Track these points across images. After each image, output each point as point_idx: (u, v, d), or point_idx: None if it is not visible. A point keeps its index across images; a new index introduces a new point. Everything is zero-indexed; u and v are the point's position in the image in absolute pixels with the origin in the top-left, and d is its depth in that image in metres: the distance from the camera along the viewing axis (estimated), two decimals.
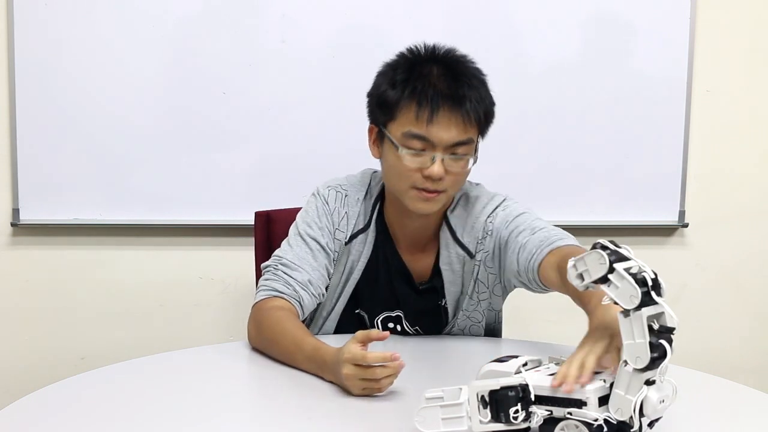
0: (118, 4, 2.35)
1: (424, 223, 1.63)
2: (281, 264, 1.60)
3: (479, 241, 1.62)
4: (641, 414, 1.08)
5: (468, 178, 1.63)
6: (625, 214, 2.58)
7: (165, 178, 2.42)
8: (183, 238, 2.49)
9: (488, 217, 1.62)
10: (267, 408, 1.31)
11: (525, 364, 1.12)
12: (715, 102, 2.60)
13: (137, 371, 1.44)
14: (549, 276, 1.47)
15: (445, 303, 1.66)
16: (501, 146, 2.49)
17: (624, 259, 1.10)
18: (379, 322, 1.68)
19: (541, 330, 2.59)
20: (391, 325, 1.69)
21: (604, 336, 1.16)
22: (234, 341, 1.61)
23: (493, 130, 2.46)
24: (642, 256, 1.14)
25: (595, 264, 1.09)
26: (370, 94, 1.59)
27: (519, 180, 2.49)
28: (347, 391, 1.28)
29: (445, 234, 1.63)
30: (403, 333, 1.69)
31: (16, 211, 2.40)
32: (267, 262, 1.63)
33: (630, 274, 1.08)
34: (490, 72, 1.61)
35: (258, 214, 1.98)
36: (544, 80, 2.50)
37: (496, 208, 1.62)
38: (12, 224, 2.40)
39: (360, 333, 1.30)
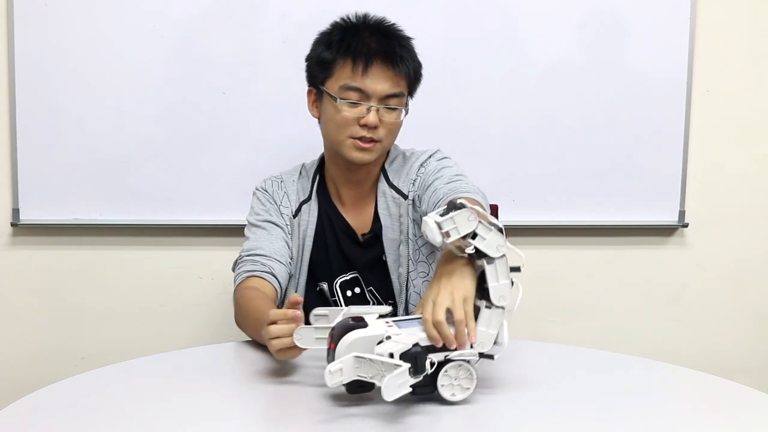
0: (119, 4, 2.35)
1: (365, 176, 1.75)
2: (245, 252, 1.71)
3: (411, 183, 1.74)
4: (496, 343, 1.27)
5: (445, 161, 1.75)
6: (625, 214, 2.58)
7: (165, 178, 2.42)
8: (183, 238, 2.49)
9: (422, 164, 1.75)
10: (266, 408, 1.31)
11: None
12: (715, 102, 2.60)
13: (137, 371, 1.45)
14: None
15: (385, 257, 1.74)
16: (501, 146, 2.50)
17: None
18: (337, 287, 1.75)
19: (541, 330, 2.60)
20: (349, 293, 1.76)
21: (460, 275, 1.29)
22: (234, 341, 1.61)
23: (494, 129, 2.48)
24: (642, 256, 1.16)
25: (465, 221, 1.23)
26: (308, 58, 1.74)
27: (519, 180, 2.49)
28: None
29: (382, 184, 1.76)
30: (362, 296, 1.76)
31: (16, 211, 2.40)
32: (234, 260, 1.74)
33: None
34: (490, 73, 1.63)
35: None
36: (544, 81, 2.50)
37: (430, 157, 1.76)
38: (12, 224, 2.41)
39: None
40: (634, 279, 2.65)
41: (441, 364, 1.24)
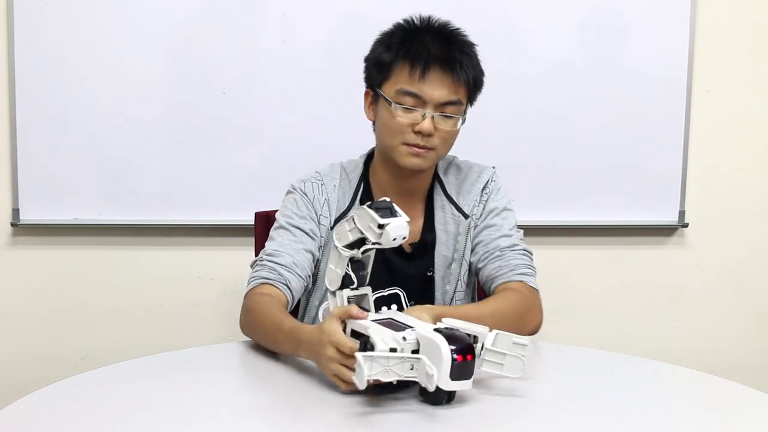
0: (118, 4, 2.35)
1: (417, 184, 1.71)
2: (266, 255, 1.64)
3: (475, 205, 1.72)
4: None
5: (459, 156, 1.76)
6: (625, 214, 2.58)
7: (165, 178, 2.42)
8: (183, 238, 2.49)
9: (484, 187, 1.74)
10: (266, 408, 1.31)
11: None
12: (715, 102, 2.60)
13: (137, 371, 1.44)
14: (496, 291, 1.65)
15: (433, 272, 1.70)
16: (501, 146, 2.50)
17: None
18: (372, 301, 1.69)
19: (541, 330, 2.60)
20: (385, 308, 1.70)
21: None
22: (234, 341, 1.61)
23: (494, 128, 2.48)
24: (642, 256, 1.16)
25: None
26: (367, 59, 1.68)
27: (519, 180, 2.49)
28: (324, 374, 1.30)
29: (439, 196, 1.72)
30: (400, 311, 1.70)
31: (16, 211, 2.40)
32: (255, 258, 1.68)
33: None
34: (490, 72, 1.64)
35: (258, 215, 1.98)
36: (544, 81, 2.50)
37: (491, 181, 1.75)
38: (12, 224, 2.40)
39: (338, 309, 1.31)
40: (634, 279, 2.65)
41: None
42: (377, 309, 1.67)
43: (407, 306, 1.69)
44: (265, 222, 1.95)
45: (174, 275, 2.50)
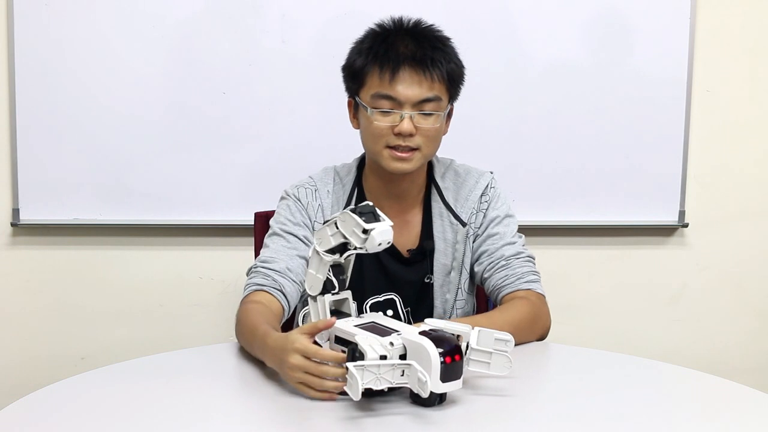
0: (119, 4, 2.35)
1: (408, 187, 1.69)
2: (260, 262, 1.64)
3: (473, 213, 1.70)
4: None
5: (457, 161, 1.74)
6: (625, 214, 2.58)
7: (165, 178, 2.42)
8: (183, 238, 2.49)
9: (483, 194, 1.72)
10: (265, 408, 1.31)
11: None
12: (715, 102, 2.60)
13: (137, 371, 1.44)
14: (504, 300, 1.65)
15: (432, 279, 1.69)
16: (502, 146, 2.50)
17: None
18: (367, 308, 1.68)
19: None
20: (380, 313, 1.70)
21: None
22: (233, 342, 1.61)
23: (495, 129, 2.48)
24: (642, 256, 1.15)
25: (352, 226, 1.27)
26: (343, 68, 1.68)
27: (520, 180, 2.49)
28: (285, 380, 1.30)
29: (437, 203, 1.70)
30: (396, 318, 1.68)
31: (16, 211, 2.40)
32: (250, 266, 1.67)
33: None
34: (490, 72, 1.64)
35: (258, 215, 1.98)
36: (544, 81, 2.50)
37: (487, 187, 1.73)
38: (12, 224, 2.41)
39: (305, 326, 1.30)
40: (634, 279, 2.65)
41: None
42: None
43: (403, 310, 1.70)
44: (264, 222, 1.94)
45: (174, 275, 2.50)
